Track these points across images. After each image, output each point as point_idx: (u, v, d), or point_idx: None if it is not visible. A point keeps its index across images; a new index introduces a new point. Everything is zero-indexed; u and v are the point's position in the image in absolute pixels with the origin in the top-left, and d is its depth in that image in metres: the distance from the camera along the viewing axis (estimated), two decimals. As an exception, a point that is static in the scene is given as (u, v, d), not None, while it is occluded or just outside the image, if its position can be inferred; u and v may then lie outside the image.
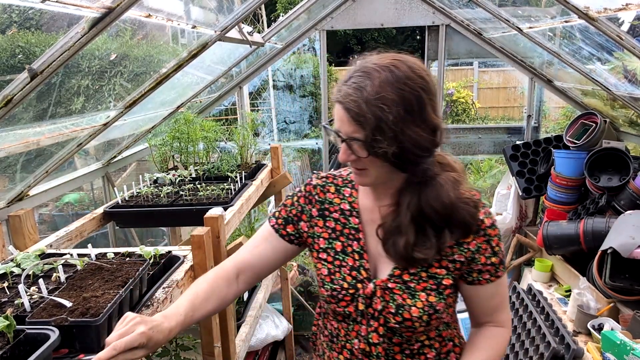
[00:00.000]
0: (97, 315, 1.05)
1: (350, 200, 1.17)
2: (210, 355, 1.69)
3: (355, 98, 0.96)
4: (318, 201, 1.19)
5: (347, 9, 3.35)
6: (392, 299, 1.08)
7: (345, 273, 1.12)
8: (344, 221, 1.16)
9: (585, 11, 1.69)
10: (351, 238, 1.14)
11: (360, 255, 1.13)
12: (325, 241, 1.17)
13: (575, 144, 2.89)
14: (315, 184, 1.21)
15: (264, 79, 4.38)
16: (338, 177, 1.22)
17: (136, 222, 2.23)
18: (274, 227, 1.22)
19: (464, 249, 1.08)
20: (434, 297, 1.07)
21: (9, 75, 1.31)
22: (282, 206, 1.23)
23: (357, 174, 1.07)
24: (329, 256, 1.15)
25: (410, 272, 1.08)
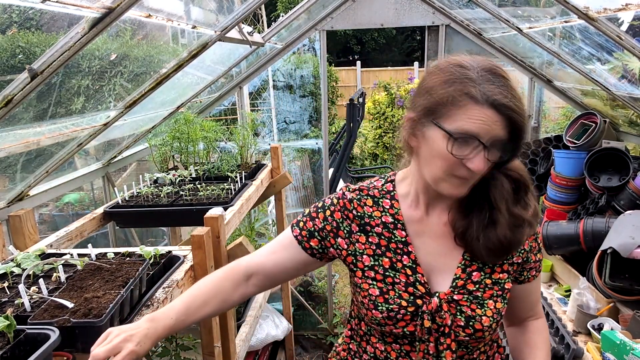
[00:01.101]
0: (100, 315, 1.05)
1: (392, 213, 1.09)
2: (210, 355, 1.69)
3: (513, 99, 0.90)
4: (357, 216, 1.10)
5: (347, 9, 3.35)
6: (459, 311, 1.02)
7: (400, 290, 1.04)
8: (389, 235, 1.08)
9: (585, 11, 1.69)
10: (399, 253, 1.06)
11: (413, 269, 1.05)
12: (371, 258, 1.08)
13: (575, 144, 2.89)
14: (350, 197, 1.12)
15: (264, 79, 4.38)
16: (372, 188, 1.14)
17: (136, 222, 2.23)
18: (297, 237, 1.13)
19: (522, 250, 1.06)
20: (500, 303, 1.04)
21: (9, 75, 1.31)
22: (309, 217, 1.14)
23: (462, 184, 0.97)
24: (377, 274, 1.06)
25: (473, 280, 1.04)
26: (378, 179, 1.17)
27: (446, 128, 0.91)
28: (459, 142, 0.91)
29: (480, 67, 0.92)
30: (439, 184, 0.98)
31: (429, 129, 0.95)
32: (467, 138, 0.90)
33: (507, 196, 1.00)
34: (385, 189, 1.13)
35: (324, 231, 1.11)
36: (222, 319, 1.78)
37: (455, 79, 0.92)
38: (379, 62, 16.86)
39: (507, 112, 0.89)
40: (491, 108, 0.89)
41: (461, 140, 0.90)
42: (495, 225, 0.99)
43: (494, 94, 0.89)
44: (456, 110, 0.90)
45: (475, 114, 0.89)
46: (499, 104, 0.88)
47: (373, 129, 7.65)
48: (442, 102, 0.92)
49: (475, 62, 0.94)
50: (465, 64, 0.94)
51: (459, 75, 0.92)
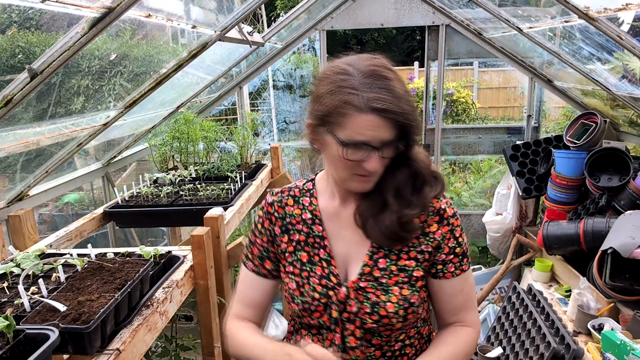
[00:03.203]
0: (88, 322, 1.04)
1: (310, 209, 1.14)
2: (210, 355, 1.69)
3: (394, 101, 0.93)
4: (279, 218, 1.15)
5: (347, 9, 3.35)
6: (366, 298, 1.06)
7: (314, 283, 1.09)
8: (307, 230, 1.13)
9: (585, 11, 1.68)
10: (317, 247, 1.11)
11: (328, 262, 1.10)
12: (291, 255, 1.13)
13: (575, 144, 2.89)
14: (271, 201, 1.17)
15: (264, 79, 4.38)
16: (294, 188, 1.19)
17: (136, 222, 2.23)
18: (253, 270, 1.18)
19: (430, 238, 1.08)
20: (407, 289, 1.07)
21: (9, 75, 1.31)
22: (251, 244, 1.18)
23: (366, 181, 1.03)
24: (295, 269, 1.12)
25: (379, 267, 1.07)
26: (301, 179, 1.23)
27: (338, 136, 0.96)
28: (351, 149, 0.95)
29: (362, 72, 0.95)
30: (346, 182, 1.05)
31: (325, 135, 0.99)
32: (358, 144, 0.95)
33: (400, 183, 1.04)
34: (305, 187, 1.18)
35: (266, 248, 1.16)
36: (222, 320, 1.78)
37: (339, 88, 0.95)
38: (379, 62, 16.81)
39: (390, 116, 0.93)
40: (374, 114, 0.92)
41: (352, 146, 0.95)
42: (385, 209, 1.04)
43: (375, 101, 0.92)
44: (343, 119, 0.94)
45: (360, 122, 0.93)
46: (381, 110, 0.92)
47: (373, 129, 7.63)
48: (330, 112, 0.96)
49: (358, 66, 0.96)
50: (348, 69, 0.96)
51: (342, 84, 0.95)
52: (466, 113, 7.25)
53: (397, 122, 0.94)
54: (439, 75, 3.44)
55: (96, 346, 1.09)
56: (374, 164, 0.97)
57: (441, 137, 3.58)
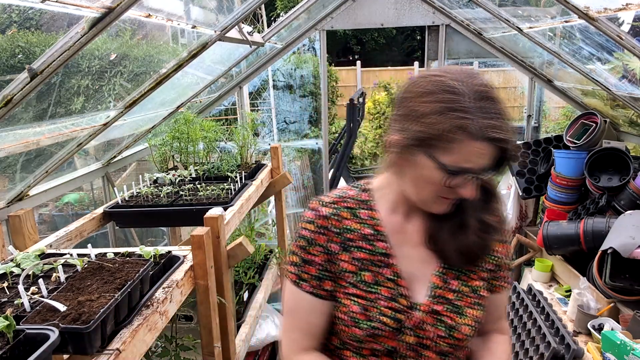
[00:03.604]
0: (88, 322, 1.04)
1: (371, 224, 1.04)
2: (210, 355, 1.69)
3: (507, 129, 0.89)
4: (336, 233, 1.03)
5: (347, 9, 3.35)
6: (440, 322, 1.00)
7: (382, 306, 0.99)
8: (370, 247, 1.03)
9: (585, 11, 1.68)
10: (381, 265, 1.02)
11: (395, 282, 1.01)
12: (353, 275, 1.02)
13: (575, 144, 2.89)
14: (326, 214, 1.04)
15: (264, 79, 4.38)
16: (347, 198, 1.08)
17: (136, 222, 2.23)
18: (310, 292, 1.04)
19: (494, 257, 1.06)
20: (478, 311, 1.03)
21: (9, 75, 1.31)
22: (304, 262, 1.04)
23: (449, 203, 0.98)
24: (359, 290, 1.01)
25: (451, 288, 1.02)
26: (350, 188, 1.11)
27: (441, 161, 0.90)
28: (453, 175, 0.90)
29: (473, 92, 0.88)
30: (426, 204, 0.99)
31: (419, 156, 0.92)
32: (462, 171, 0.90)
33: (477, 203, 1.00)
34: (361, 198, 1.08)
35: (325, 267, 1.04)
36: (222, 320, 1.78)
37: (450, 109, 0.88)
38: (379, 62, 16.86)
39: (501, 145, 0.89)
40: (487, 142, 0.88)
41: (456, 173, 0.90)
42: (465, 229, 1.00)
43: (490, 129, 0.87)
44: (452, 144, 0.88)
45: (471, 149, 0.88)
46: (495, 139, 0.87)
47: (373, 129, 7.65)
48: (436, 135, 0.89)
49: (466, 84, 0.89)
50: (457, 88, 0.89)
51: (452, 105, 0.88)
52: (466, 113, 7.25)
53: (503, 150, 0.89)
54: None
55: (96, 346, 1.09)
56: (470, 192, 0.93)
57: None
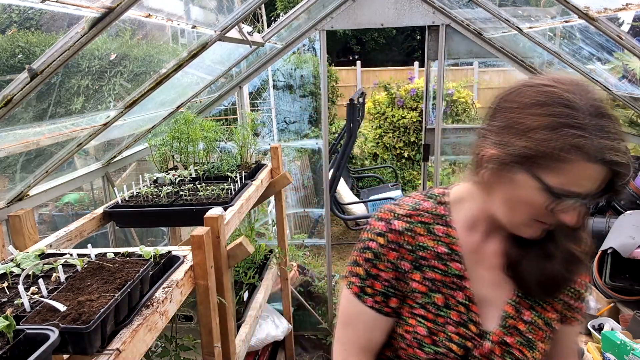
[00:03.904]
0: (88, 322, 1.04)
1: (447, 242, 0.96)
2: (210, 355, 1.69)
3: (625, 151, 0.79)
4: (409, 251, 0.95)
5: (347, 9, 3.35)
6: (508, 353, 0.94)
7: (450, 332, 0.93)
8: (443, 268, 0.95)
9: (585, 11, 1.68)
10: (454, 288, 0.95)
11: (467, 306, 0.94)
12: (423, 296, 0.95)
13: (575, 144, 2.89)
14: (400, 229, 0.96)
15: (264, 79, 4.38)
16: (422, 211, 0.98)
17: (136, 222, 2.23)
18: (374, 308, 0.97)
19: (573, 289, 0.99)
20: (547, 344, 0.97)
21: (9, 75, 1.31)
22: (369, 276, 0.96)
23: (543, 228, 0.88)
24: (428, 313, 0.95)
25: (524, 319, 0.95)
26: (424, 199, 1.01)
27: (546, 182, 0.80)
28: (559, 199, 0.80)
29: (590, 108, 0.78)
30: (517, 228, 0.89)
31: (522, 175, 0.82)
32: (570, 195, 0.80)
33: (566, 231, 0.90)
34: (437, 212, 0.98)
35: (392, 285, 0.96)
36: (222, 319, 1.78)
37: (564, 125, 0.77)
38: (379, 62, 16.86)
39: (619, 169, 0.79)
40: (603, 165, 0.78)
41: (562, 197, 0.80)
42: (550, 259, 0.91)
43: (609, 151, 0.77)
44: (562, 165, 0.78)
45: (584, 172, 0.78)
46: (613, 163, 0.78)
47: (373, 129, 7.65)
48: (545, 153, 0.78)
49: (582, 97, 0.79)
50: (572, 101, 0.79)
51: (567, 120, 0.77)
52: (466, 113, 7.25)
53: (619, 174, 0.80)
54: (439, 75, 3.44)
55: (96, 346, 1.09)
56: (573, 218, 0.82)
57: (441, 137, 3.58)
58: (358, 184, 7.32)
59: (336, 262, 5.38)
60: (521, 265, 0.92)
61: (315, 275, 4.13)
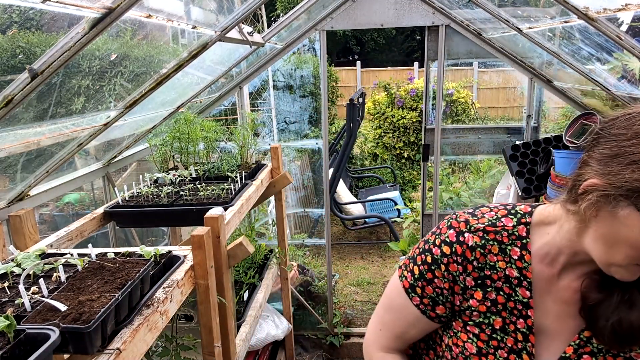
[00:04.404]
0: (89, 322, 1.05)
1: (520, 266, 0.91)
2: (210, 355, 1.70)
3: None
4: (477, 268, 0.92)
5: (347, 9, 3.35)
6: None
7: (501, 357, 0.90)
8: (509, 292, 0.91)
9: (584, 11, 1.69)
10: (516, 314, 0.91)
11: (526, 336, 0.91)
12: (481, 315, 0.92)
13: (575, 144, 2.89)
14: (472, 244, 0.92)
15: (264, 79, 4.39)
16: (501, 230, 0.93)
17: (136, 222, 2.23)
18: (419, 307, 0.97)
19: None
20: None
21: (9, 75, 1.31)
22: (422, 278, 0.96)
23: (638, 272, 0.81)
24: (482, 333, 0.92)
25: None
26: (506, 214, 0.95)
27: None
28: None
29: None
30: (613, 268, 0.82)
31: (628, 211, 0.76)
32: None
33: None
34: (516, 232, 0.93)
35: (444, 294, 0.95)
36: (222, 319, 1.78)
37: None
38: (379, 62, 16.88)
39: None
40: None
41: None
42: (633, 307, 0.84)
43: None
44: None
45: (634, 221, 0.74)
46: None
47: (373, 129, 7.65)
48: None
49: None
50: None
51: None
52: (466, 113, 7.26)
53: None
54: (439, 75, 3.44)
55: (97, 346, 1.09)
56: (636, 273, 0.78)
57: (441, 137, 3.58)
58: (358, 184, 7.33)
59: (336, 262, 5.39)
60: (599, 308, 0.87)
61: (315, 275, 4.13)
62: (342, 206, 5.66)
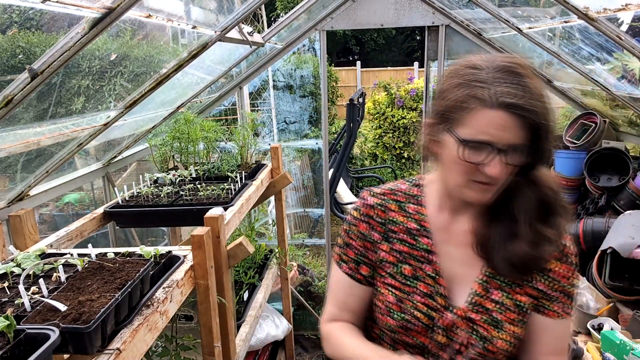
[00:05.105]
0: (89, 322, 1.05)
1: (417, 218, 1.04)
2: (210, 355, 1.70)
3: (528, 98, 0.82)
4: (379, 223, 1.05)
5: (347, 9, 3.35)
6: (474, 331, 0.98)
7: (417, 301, 1.00)
8: (412, 242, 1.03)
9: (584, 11, 1.69)
10: (422, 261, 1.02)
11: (434, 279, 1.00)
12: (392, 266, 1.04)
13: (575, 144, 2.89)
14: (372, 203, 1.07)
15: (264, 79, 4.39)
16: (397, 191, 1.08)
17: (136, 222, 2.23)
18: (348, 274, 1.08)
19: (547, 276, 0.99)
20: (519, 328, 0.98)
21: (9, 75, 1.31)
22: (345, 246, 1.09)
23: (487, 191, 0.91)
24: (396, 282, 1.03)
25: (492, 299, 0.99)
26: (403, 182, 1.11)
27: (458, 134, 0.87)
28: (471, 148, 0.86)
29: (494, 67, 0.86)
30: (461, 190, 0.94)
31: (444, 134, 0.91)
32: (479, 144, 0.85)
33: (532, 211, 0.93)
34: (411, 192, 1.07)
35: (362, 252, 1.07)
36: (222, 319, 1.78)
37: (467, 82, 0.87)
38: (379, 62, 16.87)
39: (521, 113, 0.82)
40: (502, 110, 0.83)
41: (473, 146, 0.86)
42: (516, 238, 0.94)
43: (504, 95, 0.82)
44: (466, 115, 0.86)
45: (486, 119, 0.84)
46: (510, 105, 0.82)
47: (373, 129, 7.65)
48: (453, 107, 0.88)
49: (491, 61, 0.88)
50: (478, 64, 0.88)
51: (470, 77, 0.87)
52: (466, 113, 7.26)
53: (529, 122, 0.83)
54: (439, 75, 3.44)
55: (96, 346, 1.09)
56: (495, 169, 0.86)
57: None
58: (358, 184, 7.33)
59: (336, 262, 5.38)
60: (489, 244, 0.97)
61: (315, 275, 4.13)
62: (343, 206, 5.66)
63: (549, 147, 0.88)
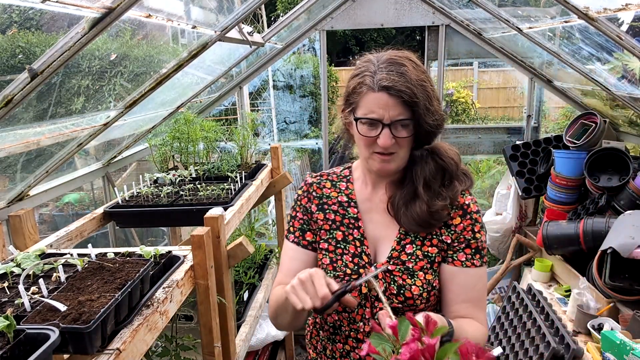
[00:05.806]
0: (89, 322, 1.05)
1: (347, 193, 1.27)
2: (210, 355, 1.69)
3: (403, 82, 1.04)
4: (316, 197, 1.28)
5: (347, 9, 3.35)
6: (392, 281, 1.16)
7: (347, 260, 1.20)
8: (343, 212, 1.24)
9: (585, 11, 1.69)
10: (351, 227, 1.22)
11: (361, 242, 1.21)
12: (327, 232, 1.24)
13: (575, 144, 2.89)
14: (311, 182, 1.31)
15: (264, 79, 4.39)
16: (332, 174, 1.32)
17: (136, 222, 2.23)
18: (294, 242, 1.28)
19: (451, 230, 1.17)
20: (431, 275, 1.16)
21: (9, 75, 1.31)
22: (292, 219, 1.30)
23: (386, 160, 1.12)
24: (330, 245, 1.23)
25: (406, 252, 1.17)
26: (339, 167, 1.35)
27: (356, 115, 1.11)
28: (366, 125, 1.09)
29: (382, 60, 1.08)
30: (368, 162, 1.15)
31: (350, 116, 1.14)
32: (371, 121, 1.08)
33: (429, 175, 1.15)
34: (343, 174, 1.31)
35: (306, 221, 1.28)
36: (222, 319, 1.78)
37: (360, 72, 1.10)
38: (379, 62, 16.84)
39: (397, 94, 1.04)
40: (382, 92, 1.05)
41: (366, 122, 1.09)
42: (416, 198, 1.14)
43: (384, 80, 1.04)
44: (359, 98, 1.09)
45: (371, 100, 1.07)
46: (387, 87, 1.04)
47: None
48: (351, 93, 1.12)
49: (380, 56, 1.11)
50: (371, 58, 1.11)
51: (363, 69, 1.10)
52: (466, 113, 7.26)
53: (405, 101, 1.04)
54: (439, 75, 3.44)
55: (96, 346, 1.09)
56: (383, 140, 1.07)
57: (441, 137, 3.58)
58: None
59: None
60: (396, 206, 1.17)
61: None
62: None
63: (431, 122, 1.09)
